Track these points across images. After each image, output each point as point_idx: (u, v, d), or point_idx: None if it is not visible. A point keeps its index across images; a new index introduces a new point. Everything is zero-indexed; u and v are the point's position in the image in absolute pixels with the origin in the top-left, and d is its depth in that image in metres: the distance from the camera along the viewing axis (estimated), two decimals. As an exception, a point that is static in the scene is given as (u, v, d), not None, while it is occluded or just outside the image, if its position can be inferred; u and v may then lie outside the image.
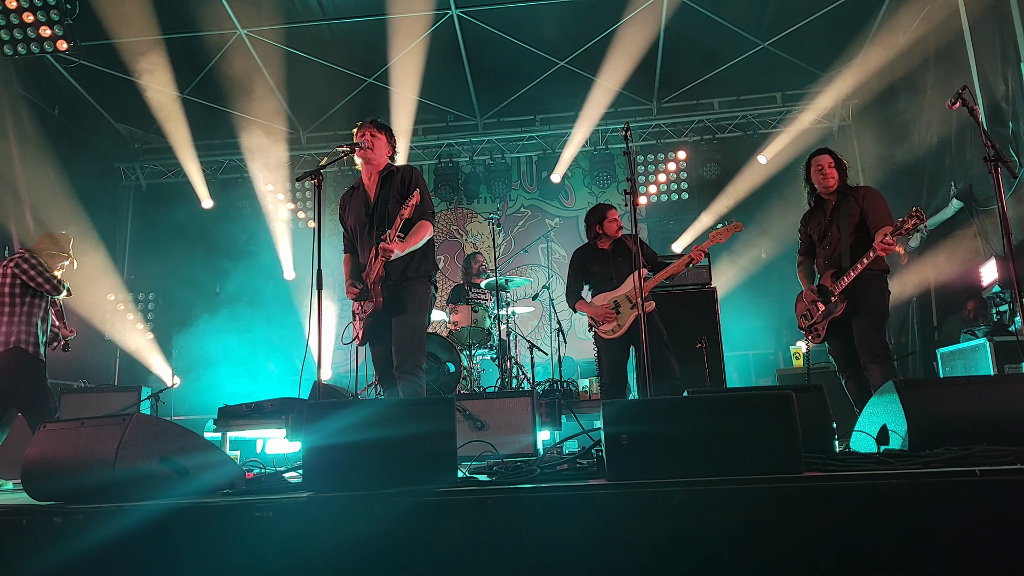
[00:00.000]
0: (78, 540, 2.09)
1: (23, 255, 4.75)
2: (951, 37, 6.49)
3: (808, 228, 4.36)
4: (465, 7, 7.89)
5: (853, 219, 4.05)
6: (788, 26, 7.99)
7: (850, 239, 4.03)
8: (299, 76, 8.85)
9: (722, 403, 2.23)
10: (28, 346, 4.60)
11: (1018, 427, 2.44)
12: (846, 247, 4.03)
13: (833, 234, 4.13)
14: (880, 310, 3.96)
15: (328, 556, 2.00)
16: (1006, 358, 4.81)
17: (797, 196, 8.94)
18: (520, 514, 1.98)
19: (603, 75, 8.75)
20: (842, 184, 4.19)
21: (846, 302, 3.98)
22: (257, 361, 9.37)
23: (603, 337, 4.77)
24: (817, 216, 4.28)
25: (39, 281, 4.68)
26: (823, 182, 4.19)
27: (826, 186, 4.19)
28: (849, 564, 1.85)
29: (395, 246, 3.52)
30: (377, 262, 3.57)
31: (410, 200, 3.53)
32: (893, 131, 7.74)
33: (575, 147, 9.40)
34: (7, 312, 4.65)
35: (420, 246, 3.71)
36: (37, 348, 4.65)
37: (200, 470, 2.55)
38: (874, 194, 4.11)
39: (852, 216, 4.05)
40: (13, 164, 8.03)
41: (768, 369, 8.56)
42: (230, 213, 9.88)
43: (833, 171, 4.17)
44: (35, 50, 7.53)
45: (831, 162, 4.19)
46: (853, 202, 4.08)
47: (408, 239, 3.62)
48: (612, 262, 4.90)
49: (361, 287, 3.69)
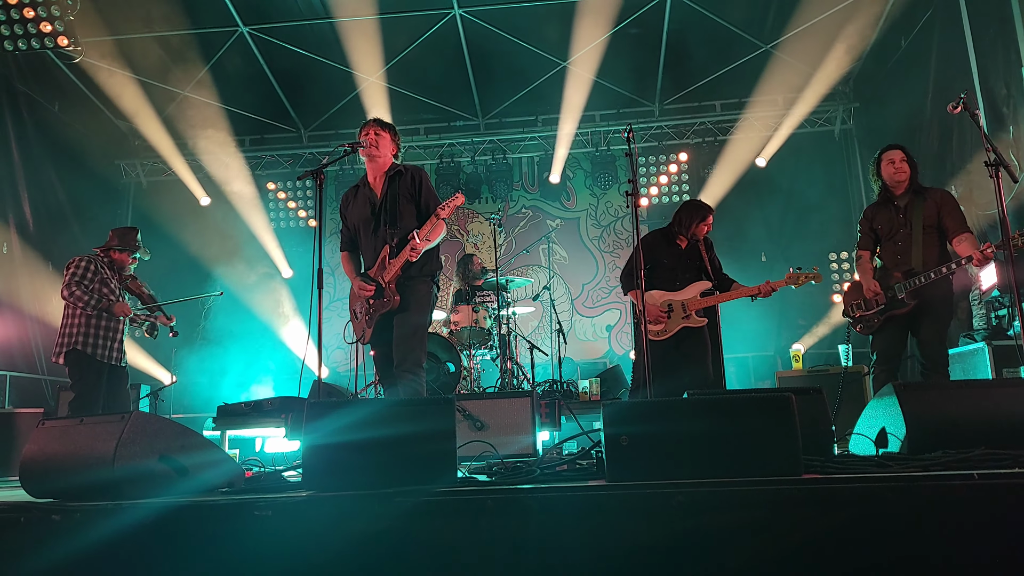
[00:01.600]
0: (76, 538, 2.09)
1: (74, 260, 4.79)
2: (952, 41, 6.50)
3: (874, 223, 4.27)
4: (467, 7, 7.90)
5: (930, 220, 4.04)
6: (790, 29, 8.00)
7: (924, 240, 4.03)
8: (300, 74, 8.85)
9: (722, 405, 2.24)
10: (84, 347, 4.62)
11: (1016, 431, 2.44)
12: (919, 247, 4.02)
13: (906, 232, 4.09)
14: (948, 315, 4.04)
15: (327, 555, 2.00)
16: (1005, 362, 4.82)
17: (797, 198, 9.04)
18: (520, 515, 1.98)
19: (605, 76, 8.76)
20: (915, 182, 4.15)
21: (914, 302, 3.99)
22: (256, 360, 9.37)
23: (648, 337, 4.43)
24: (887, 212, 4.21)
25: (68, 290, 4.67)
26: (894, 176, 4.14)
27: (898, 180, 4.14)
28: (848, 566, 1.85)
29: (423, 245, 3.59)
30: (397, 261, 3.60)
31: (452, 201, 3.69)
32: (894, 135, 7.74)
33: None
34: (67, 314, 4.72)
35: (435, 244, 3.78)
36: (95, 348, 4.66)
37: (199, 468, 2.55)
38: (951, 198, 4.09)
39: (929, 218, 4.04)
40: (13, 161, 8.03)
41: (768, 371, 8.56)
42: (231, 211, 9.87)
43: (905, 166, 4.13)
44: (35, 46, 7.54)
45: (903, 156, 4.15)
46: (930, 203, 4.06)
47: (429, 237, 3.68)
48: (682, 263, 4.66)
49: (375, 285, 3.67)
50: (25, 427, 5.36)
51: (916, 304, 4.01)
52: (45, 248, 8.44)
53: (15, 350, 7.71)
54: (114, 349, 4.80)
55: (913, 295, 4.01)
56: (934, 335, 3.99)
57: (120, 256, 4.93)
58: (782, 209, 8.92)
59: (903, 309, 4.04)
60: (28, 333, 7.95)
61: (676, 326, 4.53)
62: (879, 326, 4.16)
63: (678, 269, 4.64)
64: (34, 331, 8.02)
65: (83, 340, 4.65)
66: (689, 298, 4.53)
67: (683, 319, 4.51)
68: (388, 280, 3.62)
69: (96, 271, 4.79)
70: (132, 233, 5.07)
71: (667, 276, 4.62)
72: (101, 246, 4.98)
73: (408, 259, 3.57)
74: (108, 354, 4.75)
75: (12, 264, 7.90)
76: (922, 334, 4.03)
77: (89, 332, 4.67)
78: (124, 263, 4.96)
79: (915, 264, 4.03)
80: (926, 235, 4.04)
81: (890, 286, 4.11)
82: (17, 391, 7.54)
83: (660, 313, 4.52)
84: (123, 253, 4.92)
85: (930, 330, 4.00)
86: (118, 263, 4.95)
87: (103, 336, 4.73)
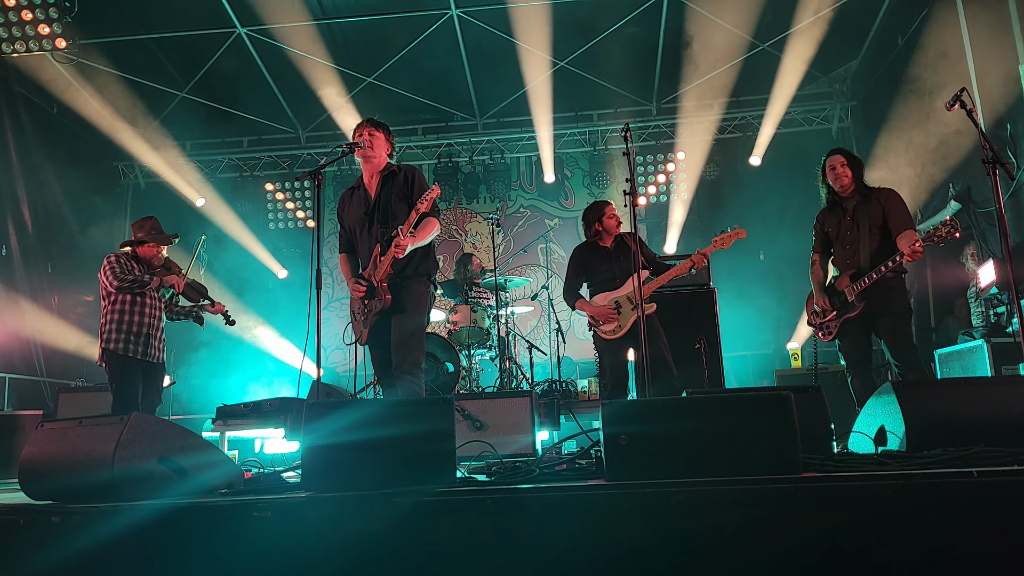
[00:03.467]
0: (76, 540, 2.09)
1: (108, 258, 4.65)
2: (950, 39, 6.50)
3: (825, 226, 4.37)
4: (465, 7, 7.89)
5: (875, 220, 4.08)
6: (788, 27, 8.00)
7: (871, 240, 4.07)
8: (298, 75, 8.85)
9: (721, 404, 2.24)
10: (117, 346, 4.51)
11: (1015, 428, 2.44)
12: (867, 248, 4.06)
13: (853, 234, 4.14)
14: (906, 314, 4.03)
15: (327, 556, 2.00)
16: (1004, 359, 4.82)
17: (795, 197, 9.02)
18: (519, 514, 1.98)
19: (603, 75, 8.76)
20: (860, 184, 4.21)
21: (864, 303, 4.02)
22: (256, 360, 9.37)
23: (603, 338, 4.71)
24: (835, 215, 4.29)
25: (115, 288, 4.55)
26: (836, 181, 4.23)
27: (840, 185, 4.22)
28: (847, 564, 1.85)
29: (407, 241, 3.52)
30: (385, 259, 3.56)
31: (428, 194, 3.55)
32: (891, 133, 7.75)
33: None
34: (103, 314, 4.63)
35: (427, 242, 3.73)
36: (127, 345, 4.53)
37: (198, 470, 2.54)
38: (896, 197, 4.12)
39: (874, 218, 4.08)
40: (11, 163, 8.02)
41: (766, 370, 8.57)
42: (229, 212, 9.87)
43: (846, 170, 4.19)
44: (34, 48, 7.53)
45: (843, 161, 4.22)
46: (876, 203, 4.11)
47: (417, 235, 3.62)
48: (615, 261, 4.83)
49: (367, 285, 3.67)
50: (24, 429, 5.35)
51: (866, 305, 4.03)
52: (44, 250, 8.45)
53: (15, 352, 7.71)
54: (150, 346, 4.63)
55: (861, 296, 4.03)
56: (895, 335, 3.97)
57: (144, 249, 4.74)
58: (780, 208, 8.92)
59: (854, 312, 4.07)
60: (27, 335, 7.95)
61: (629, 320, 4.62)
62: (838, 331, 4.20)
63: (613, 269, 4.79)
64: (33, 333, 8.02)
65: (115, 339, 4.51)
66: (631, 290, 4.63)
67: (633, 311, 4.59)
68: (379, 279, 3.60)
69: (124, 266, 4.63)
70: (149, 222, 4.82)
71: (605, 279, 4.79)
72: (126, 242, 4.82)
73: (395, 256, 3.51)
74: (143, 350, 4.58)
75: (11, 266, 7.90)
76: (883, 335, 4.03)
77: (122, 329, 4.53)
78: (150, 255, 4.75)
79: (864, 266, 4.06)
80: (872, 235, 4.08)
81: (840, 290, 4.15)
82: (16, 393, 7.54)
83: (610, 312, 4.65)
84: (146, 245, 4.74)
85: (889, 330, 3.99)
86: (144, 257, 4.75)
87: (136, 332, 4.57)
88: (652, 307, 4.57)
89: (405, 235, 3.50)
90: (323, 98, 8.92)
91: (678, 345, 4.94)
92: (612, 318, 4.65)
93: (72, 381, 8.09)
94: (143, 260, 4.77)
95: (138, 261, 4.75)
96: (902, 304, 4.02)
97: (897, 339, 3.97)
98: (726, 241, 4.59)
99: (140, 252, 4.76)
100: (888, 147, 7.90)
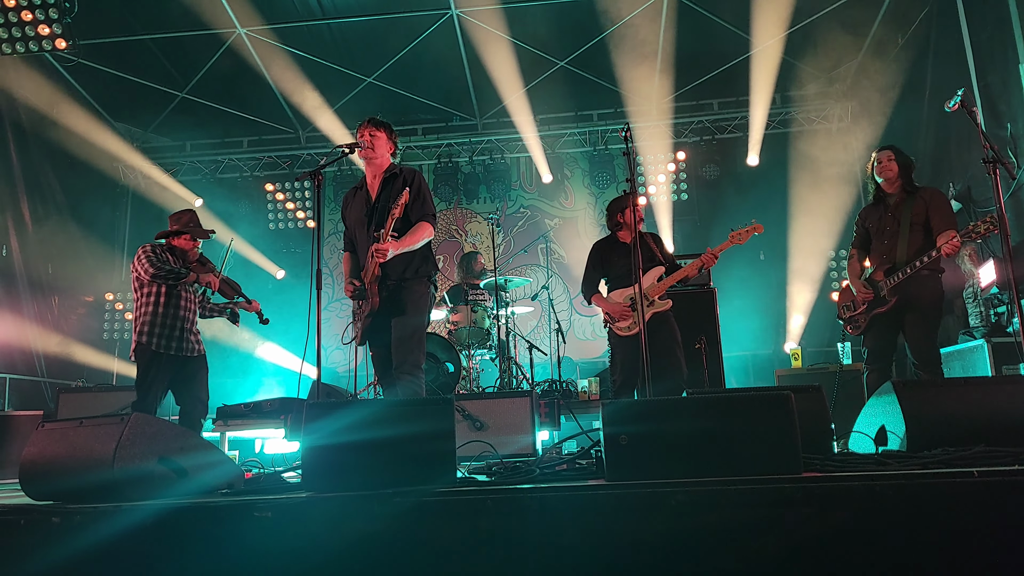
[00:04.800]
0: (76, 540, 2.09)
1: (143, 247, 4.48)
2: (950, 39, 6.50)
3: (866, 221, 4.34)
4: (465, 7, 7.89)
5: (917, 218, 4.05)
6: (788, 27, 8.00)
7: (910, 237, 4.04)
8: (298, 75, 8.84)
9: (721, 404, 2.24)
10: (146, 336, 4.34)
11: (1016, 428, 2.44)
12: (905, 244, 4.04)
13: (893, 229, 4.12)
14: (935, 314, 4.01)
15: (327, 556, 2.00)
16: (1004, 359, 4.82)
17: (794, 197, 9.04)
18: (519, 515, 1.98)
19: (603, 75, 8.76)
20: (907, 181, 4.18)
21: (896, 298, 4.01)
22: (255, 360, 9.36)
23: (618, 334, 4.64)
24: (878, 210, 4.27)
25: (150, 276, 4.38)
26: (882, 173, 4.20)
27: (886, 178, 4.19)
28: (847, 565, 1.85)
29: (388, 246, 3.49)
30: (373, 262, 3.55)
31: (399, 199, 3.50)
32: (892, 133, 7.75)
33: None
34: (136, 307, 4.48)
35: (418, 247, 3.70)
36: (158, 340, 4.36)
37: (198, 470, 2.55)
38: (940, 196, 4.10)
39: (917, 215, 4.05)
40: (11, 163, 8.03)
41: (767, 370, 8.57)
42: (229, 212, 9.87)
43: (892, 164, 4.17)
44: (34, 49, 7.53)
45: (891, 156, 4.20)
46: (920, 201, 4.08)
47: (404, 239, 3.60)
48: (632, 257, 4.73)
49: (359, 285, 3.68)
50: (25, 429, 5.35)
51: (898, 301, 4.02)
52: (44, 251, 8.45)
53: (15, 353, 7.71)
54: (184, 340, 4.47)
55: (894, 291, 4.02)
56: (920, 334, 3.97)
57: (180, 241, 4.59)
58: (780, 207, 8.92)
59: (885, 307, 4.06)
60: (28, 336, 7.95)
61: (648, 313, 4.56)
62: (867, 325, 4.19)
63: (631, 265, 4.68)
64: (34, 334, 8.02)
65: (146, 332, 4.35)
66: (648, 286, 4.59)
67: (648, 307, 4.55)
68: (368, 280, 3.60)
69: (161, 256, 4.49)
70: (187, 215, 4.67)
71: (623, 275, 4.72)
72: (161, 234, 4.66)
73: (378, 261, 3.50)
74: (177, 345, 4.41)
75: (11, 266, 7.90)
76: (908, 332, 4.02)
77: (155, 323, 4.37)
78: (186, 248, 4.60)
79: (899, 261, 4.04)
80: (912, 233, 4.05)
81: (875, 284, 4.15)
82: (17, 393, 7.54)
83: (625, 308, 4.60)
84: (182, 237, 4.59)
85: (916, 328, 3.98)
86: (179, 250, 4.61)
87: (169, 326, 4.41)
88: (668, 303, 4.55)
89: (385, 239, 3.49)
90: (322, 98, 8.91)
91: (678, 345, 4.92)
92: (627, 315, 4.59)
93: (72, 381, 8.09)
94: (178, 252, 4.63)
95: (172, 253, 4.61)
96: (933, 302, 3.98)
97: (919, 336, 3.96)
98: (743, 236, 4.55)
99: (175, 243, 4.61)
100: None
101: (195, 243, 4.64)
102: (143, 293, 4.46)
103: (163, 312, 4.40)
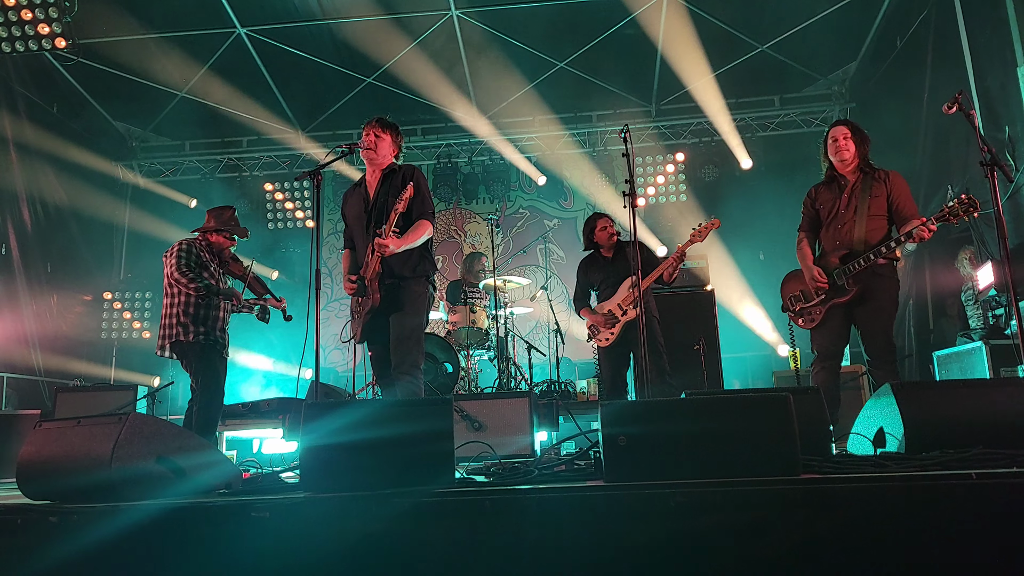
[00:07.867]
0: (74, 540, 2.08)
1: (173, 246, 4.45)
2: (948, 40, 6.51)
3: (816, 202, 3.98)
4: (465, 8, 7.90)
5: (876, 201, 3.74)
6: (786, 29, 8.01)
7: (867, 222, 3.73)
8: (298, 75, 8.85)
9: (720, 405, 2.24)
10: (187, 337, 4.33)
11: (1014, 430, 2.44)
12: (862, 229, 3.72)
13: (848, 213, 3.79)
14: (892, 308, 3.70)
15: (325, 557, 2.00)
16: (1002, 361, 4.81)
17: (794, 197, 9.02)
18: (518, 515, 1.98)
19: (602, 77, 8.76)
20: (863, 161, 3.84)
21: (856, 289, 3.69)
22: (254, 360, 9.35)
23: (599, 346, 4.91)
24: (831, 191, 3.91)
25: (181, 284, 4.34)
26: (838, 155, 3.83)
27: (842, 159, 3.83)
28: (845, 566, 1.85)
29: (391, 241, 3.47)
30: (374, 258, 3.54)
31: (404, 193, 3.47)
32: (890, 135, 7.76)
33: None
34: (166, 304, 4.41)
35: (418, 244, 3.68)
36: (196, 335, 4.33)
37: (196, 470, 2.54)
38: (903, 182, 3.78)
39: (876, 198, 3.74)
40: (11, 162, 8.02)
41: (765, 371, 8.57)
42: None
43: (848, 143, 3.81)
44: (33, 48, 7.53)
45: (846, 133, 3.83)
46: (879, 184, 3.76)
47: (406, 236, 3.58)
48: (611, 270, 4.99)
49: (358, 282, 3.67)
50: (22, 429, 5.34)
51: (858, 291, 3.68)
52: (43, 250, 8.44)
53: (13, 352, 7.70)
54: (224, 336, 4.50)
55: (855, 280, 3.70)
56: (877, 326, 3.66)
57: (218, 238, 4.58)
58: (779, 208, 8.92)
59: (845, 296, 3.72)
60: (26, 335, 7.94)
61: (618, 326, 4.85)
62: (821, 318, 3.85)
63: (613, 279, 4.99)
64: (32, 333, 8.01)
65: (184, 330, 4.33)
66: (622, 298, 4.86)
67: (622, 316, 4.82)
68: (369, 278, 3.58)
69: (196, 255, 4.46)
70: (228, 212, 4.65)
71: (605, 287, 5.02)
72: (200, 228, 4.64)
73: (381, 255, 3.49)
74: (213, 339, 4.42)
75: (11, 266, 7.89)
76: (864, 325, 3.72)
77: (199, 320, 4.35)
78: (223, 245, 4.59)
79: (858, 247, 3.72)
80: (870, 217, 3.74)
81: (829, 272, 3.79)
82: (15, 392, 7.53)
83: (603, 322, 4.89)
84: (220, 234, 4.57)
85: (873, 321, 3.68)
86: (216, 246, 4.59)
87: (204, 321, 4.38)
88: (631, 314, 4.71)
89: (387, 235, 3.48)
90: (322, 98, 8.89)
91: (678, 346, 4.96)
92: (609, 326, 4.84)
93: (70, 381, 8.08)
94: (214, 248, 4.60)
95: (209, 250, 4.58)
96: (891, 297, 3.70)
97: (877, 331, 3.67)
98: (702, 233, 4.63)
99: (213, 239, 4.58)
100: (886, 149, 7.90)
101: (232, 241, 4.64)
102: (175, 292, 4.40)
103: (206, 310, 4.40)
